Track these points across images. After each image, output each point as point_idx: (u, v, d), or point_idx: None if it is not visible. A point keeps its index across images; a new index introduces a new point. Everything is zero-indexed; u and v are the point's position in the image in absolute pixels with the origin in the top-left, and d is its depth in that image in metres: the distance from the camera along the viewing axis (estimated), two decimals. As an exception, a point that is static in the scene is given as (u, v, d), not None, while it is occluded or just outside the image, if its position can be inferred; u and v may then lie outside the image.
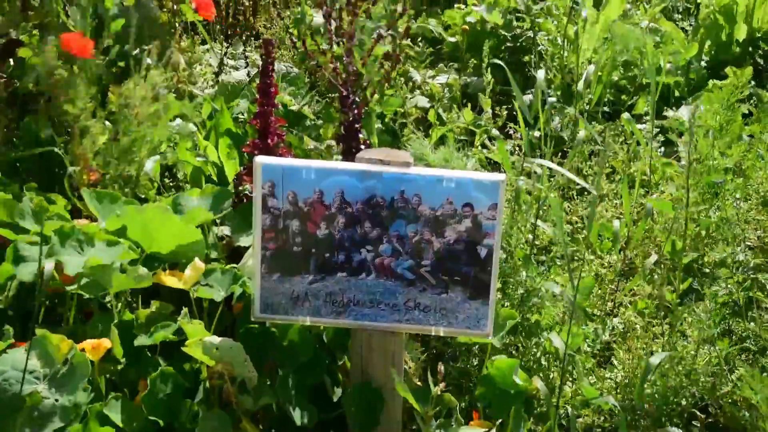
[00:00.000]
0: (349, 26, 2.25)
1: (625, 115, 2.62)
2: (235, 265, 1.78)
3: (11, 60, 2.22)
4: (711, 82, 2.46)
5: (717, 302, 1.84)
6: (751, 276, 1.98)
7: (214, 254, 1.91)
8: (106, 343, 1.57)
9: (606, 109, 3.01)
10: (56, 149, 2.07)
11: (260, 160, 1.58)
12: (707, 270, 2.14)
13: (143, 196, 2.12)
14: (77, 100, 2.09)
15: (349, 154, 2.13)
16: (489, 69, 2.74)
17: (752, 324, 1.93)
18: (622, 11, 3.20)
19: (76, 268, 1.64)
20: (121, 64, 2.40)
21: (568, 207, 2.52)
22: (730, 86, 2.13)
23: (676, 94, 3.04)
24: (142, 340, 1.64)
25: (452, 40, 3.33)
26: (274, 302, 1.63)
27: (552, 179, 2.32)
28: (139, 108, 2.09)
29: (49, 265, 1.59)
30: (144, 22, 2.45)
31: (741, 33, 3.13)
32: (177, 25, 2.73)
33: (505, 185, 1.59)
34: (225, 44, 3.05)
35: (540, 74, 2.61)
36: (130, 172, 2.09)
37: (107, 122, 2.14)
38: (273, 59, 1.97)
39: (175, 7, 2.71)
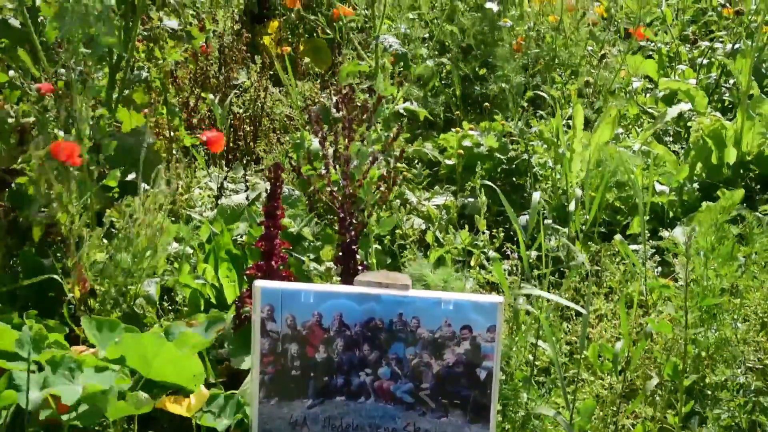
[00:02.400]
0: (345, 150, 2.30)
1: (618, 237, 2.65)
2: (235, 391, 1.77)
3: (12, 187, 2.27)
4: (704, 204, 2.50)
5: (719, 426, 1.82)
6: (753, 399, 1.97)
7: (212, 378, 1.89)
8: (101, 472, 1.55)
9: (602, 229, 3.04)
10: (55, 276, 2.09)
11: (259, 284, 1.58)
12: (709, 392, 2.12)
13: (139, 312, 2.12)
14: (69, 206, 2.11)
15: (347, 275, 2.14)
16: (483, 191, 2.78)
17: (757, 448, 1.91)
18: (614, 135, 3.27)
19: (72, 398, 1.62)
20: (116, 188, 2.44)
21: (568, 327, 2.52)
22: (719, 208, 2.17)
23: (671, 214, 3.08)
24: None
25: (449, 162, 3.39)
26: (273, 428, 1.61)
27: (550, 300, 2.32)
28: (142, 225, 2.11)
29: (35, 396, 1.57)
30: (140, 148, 2.50)
31: (731, 157, 3.19)
32: (174, 150, 2.80)
33: (504, 307, 1.60)
34: (225, 168, 3.11)
35: (536, 196, 2.66)
36: (128, 289, 2.10)
37: (104, 240, 2.16)
38: (281, 183, 2.00)
39: (172, 134, 2.78)
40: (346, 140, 2.33)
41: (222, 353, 1.97)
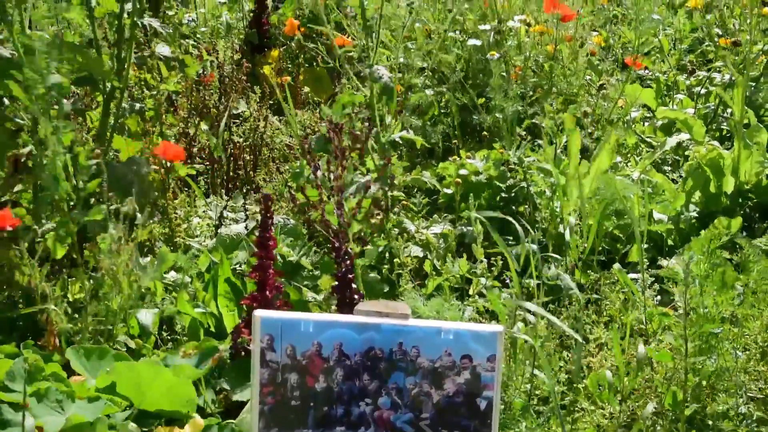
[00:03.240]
0: (337, 179, 2.31)
1: (616, 266, 2.65)
2: (232, 420, 1.76)
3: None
4: (703, 233, 2.50)
5: (721, 456, 1.81)
6: (755, 429, 1.96)
7: (210, 409, 1.89)
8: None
9: (602, 257, 3.04)
10: (52, 306, 2.08)
11: (259, 313, 1.58)
12: (710, 422, 2.11)
13: (132, 347, 2.11)
14: (24, 268, 2.10)
15: (343, 305, 2.14)
16: (477, 220, 2.79)
17: (758, 478, 1.89)
18: (613, 163, 3.28)
19: (56, 428, 1.61)
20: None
21: (567, 356, 2.51)
22: (710, 234, 2.17)
23: (669, 242, 3.08)
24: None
25: (447, 191, 3.39)
26: (272, 458, 1.60)
27: (550, 327, 2.32)
28: (109, 262, 2.10)
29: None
30: (135, 178, 2.49)
31: (729, 185, 3.20)
32: (171, 181, 2.80)
33: (503, 336, 1.60)
34: (225, 198, 3.11)
35: (521, 225, 2.68)
36: (108, 328, 2.09)
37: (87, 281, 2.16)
38: (271, 214, 2.01)
39: (168, 164, 2.78)
40: (338, 168, 2.34)
41: (220, 383, 1.97)
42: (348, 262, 2.15)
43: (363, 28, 3.01)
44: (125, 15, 2.50)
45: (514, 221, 2.98)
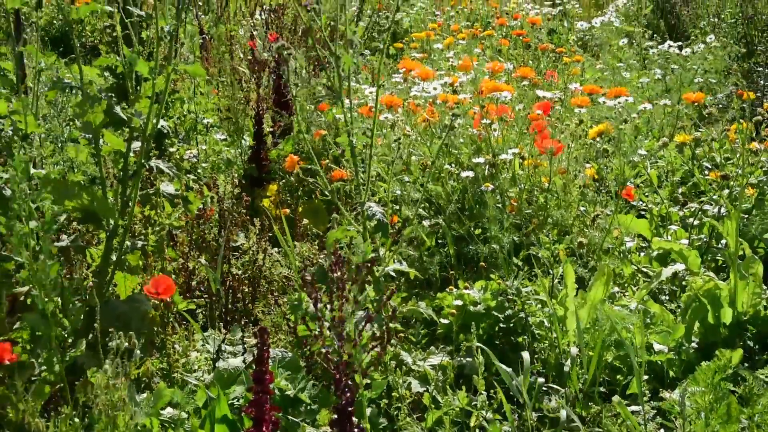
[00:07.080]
0: (338, 312, 2.31)
1: (615, 398, 2.63)
2: None
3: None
4: (704, 364, 2.49)
5: None
6: None
7: None
8: None
9: (602, 389, 3.02)
10: None
11: (258, 451, 1.56)
12: None
13: None
14: (18, 405, 2.08)
15: (342, 440, 2.11)
16: (480, 351, 2.78)
17: None
18: (610, 294, 3.29)
19: None
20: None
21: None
22: (714, 367, 2.17)
23: (671, 374, 3.06)
24: None
25: (445, 321, 3.39)
26: None
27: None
28: (105, 398, 2.07)
29: None
30: (134, 315, 2.49)
31: (727, 317, 3.21)
32: (170, 315, 2.80)
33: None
34: (224, 330, 3.10)
35: (525, 357, 2.67)
36: None
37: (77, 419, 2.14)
38: (268, 347, 2.00)
39: (167, 298, 2.79)
40: (339, 301, 2.34)
41: None
42: (348, 395, 2.13)
43: (352, 165, 3.09)
44: (131, 154, 2.56)
45: (515, 352, 2.98)
